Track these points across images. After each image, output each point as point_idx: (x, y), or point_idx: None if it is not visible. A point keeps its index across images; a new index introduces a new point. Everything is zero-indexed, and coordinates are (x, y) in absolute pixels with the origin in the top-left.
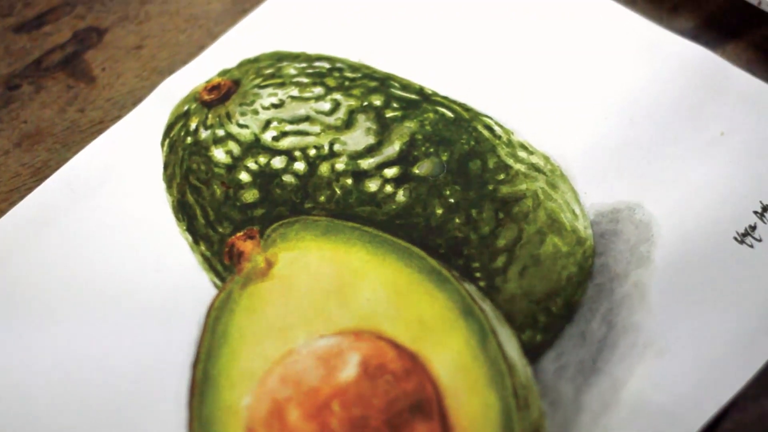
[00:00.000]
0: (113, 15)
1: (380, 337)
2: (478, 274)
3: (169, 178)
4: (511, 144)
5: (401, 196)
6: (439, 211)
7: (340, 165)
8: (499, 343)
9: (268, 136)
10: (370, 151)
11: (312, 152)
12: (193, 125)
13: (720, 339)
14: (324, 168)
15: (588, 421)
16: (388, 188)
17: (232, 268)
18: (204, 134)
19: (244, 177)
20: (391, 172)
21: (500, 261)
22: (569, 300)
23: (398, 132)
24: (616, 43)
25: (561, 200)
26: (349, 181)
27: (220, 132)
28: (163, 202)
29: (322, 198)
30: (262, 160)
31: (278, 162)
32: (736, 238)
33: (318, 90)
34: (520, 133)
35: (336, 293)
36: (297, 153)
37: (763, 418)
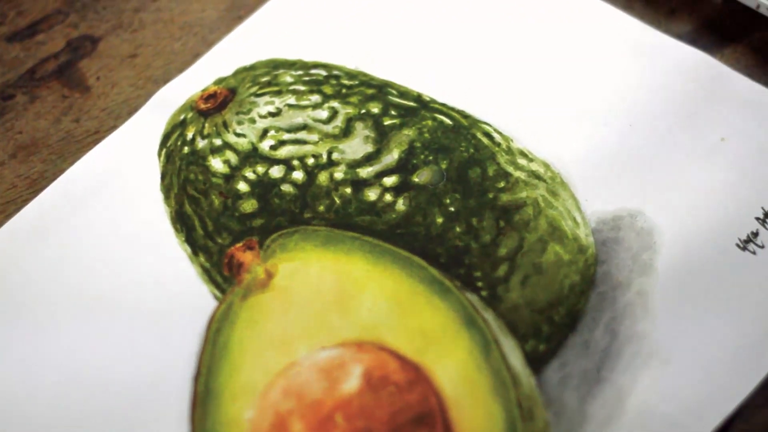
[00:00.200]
0: (106, 23)
1: (382, 348)
2: (480, 284)
3: (166, 189)
4: (510, 151)
5: (401, 205)
6: (440, 220)
7: (338, 174)
8: (502, 354)
9: (265, 145)
10: (368, 159)
11: (310, 161)
12: (189, 135)
13: (724, 347)
14: (323, 177)
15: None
16: (388, 197)
17: (232, 280)
18: (201, 144)
19: (243, 187)
20: (390, 180)
21: (502, 270)
22: (572, 309)
23: (397, 140)
24: (614, 48)
25: (562, 208)
26: (348, 190)
27: (218, 141)
28: (161, 212)
29: (322, 208)
30: (260, 169)
31: (276, 171)
32: (738, 245)
33: (315, 98)
34: (520, 140)
35: (337, 304)
36: (295, 162)
37: None
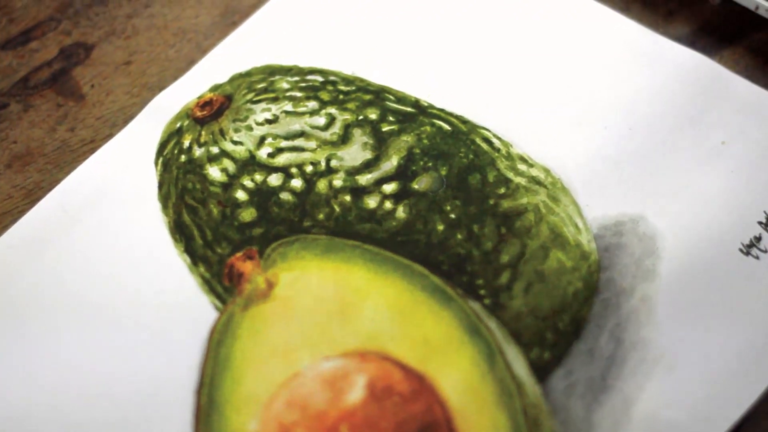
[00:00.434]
0: (99, 30)
1: (386, 358)
2: (483, 292)
3: (164, 198)
4: (510, 157)
5: (401, 212)
6: (440, 227)
7: (337, 181)
8: (506, 362)
9: (263, 153)
10: (367, 166)
11: (309, 169)
12: (186, 143)
13: (729, 353)
14: (321, 185)
15: None
16: (388, 204)
17: (233, 290)
18: (198, 152)
19: (241, 195)
20: (389, 187)
21: (504, 277)
22: (576, 316)
23: (395, 146)
24: (612, 51)
25: (563, 214)
26: (348, 197)
27: (215, 149)
28: (160, 222)
29: (321, 216)
30: (258, 177)
31: (275, 179)
32: (741, 250)
33: (312, 104)
34: (519, 146)
35: (339, 314)
36: (293, 170)
37: None
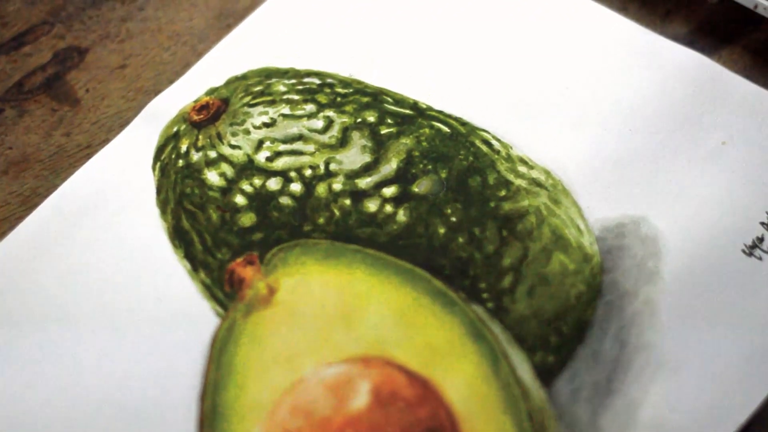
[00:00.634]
0: (93, 33)
1: (389, 363)
2: (486, 295)
3: (163, 203)
4: (510, 159)
5: (402, 215)
6: (442, 231)
7: (337, 185)
8: (511, 367)
9: (261, 157)
10: (367, 169)
11: (308, 172)
12: (183, 147)
13: (734, 356)
14: (321, 189)
15: None
16: (388, 208)
17: (234, 296)
18: (196, 156)
19: (240, 200)
20: (389, 191)
21: (507, 281)
22: (579, 319)
23: (394, 149)
24: (611, 52)
25: (565, 216)
26: (348, 201)
27: (212, 154)
28: (159, 228)
29: (321, 220)
30: (257, 182)
31: (274, 184)
32: (744, 251)
33: (310, 107)
34: (519, 147)
35: (341, 319)
36: (292, 174)
37: None
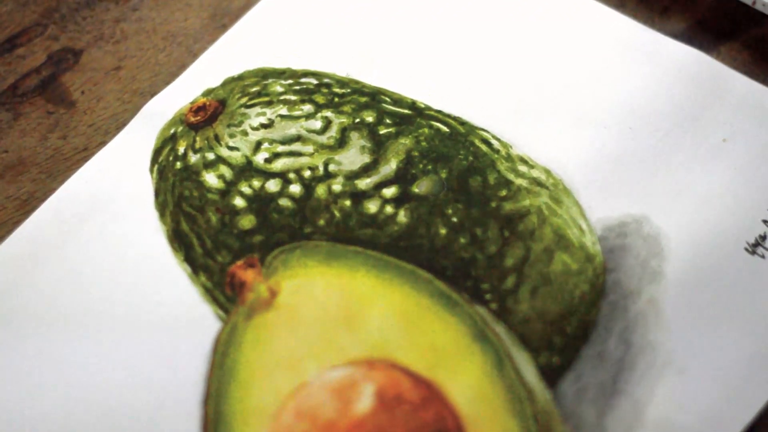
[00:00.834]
0: (87, 35)
1: (394, 366)
2: (489, 296)
3: (161, 206)
4: (510, 158)
5: (402, 216)
6: (443, 231)
7: (336, 186)
8: (516, 368)
9: (260, 158)
10: (366, 170)
11: (307, 174)
12: (181, 149)
13: (739, 355)
14: (320, 190)
15: None
16: (389, 209)
17: (235, 299)
18: (193, 158)
19: (239, 202)
20: (389, 192)
21: (510, 281)
22: (583, 319)
23: (394, 149)
24: (609, 49)
25: (566, 215)
26: (348, 202)
27: (210, 156)
28: (158, 231)
29: (322, 222)
30: (256, 183)
31: (273, 185)
32: (747, 249)
33: (307, 108)
34: (519, 147)
35: (344, 321)
36: (291, 175)
37: None
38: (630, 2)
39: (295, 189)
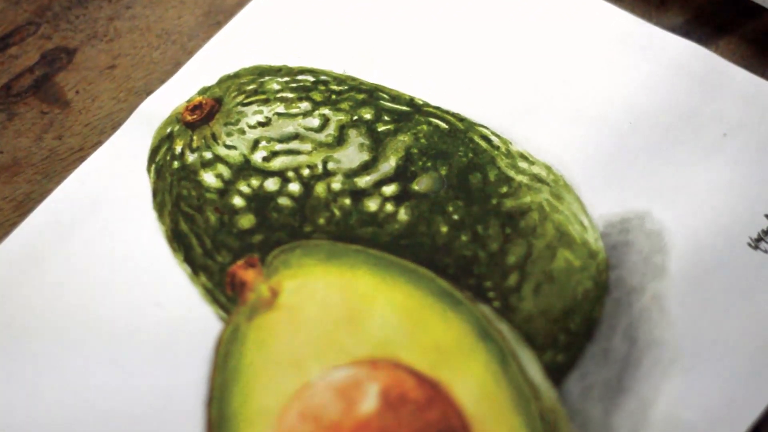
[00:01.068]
0: (81, 33)
1: (397, 365)
2: (492, 294)
3: (159, 206)
4: (510, 154)
5: (403, 214)
6: (444, 229)
7: (336, 184)
8: (520, 366)
9: (258, 157)
10: (365, 168)
11: (305, 172)
12: (178, 148)
13: (744, 351)
14: (320, 188)
15: None
16: (389, 207)
17: (236, 299)
18: (191, 158)
19: (238, 201)
20: (389, 189)
21: (513, 279)
22: (587, 317)
23: (393, 147)
24: (606, 43)
25: (568, 212)
26: (348, 201)
27: (208, 155)
28: (156, 231)
29: (322, 220)
30: (255, 182)
31: (271, 184)
32: (749, 244)
33: (305, 105)
34: (518, 143)
35: (346, 321)
36: (290, 173)
37: None
38: None
39: (294, 188)
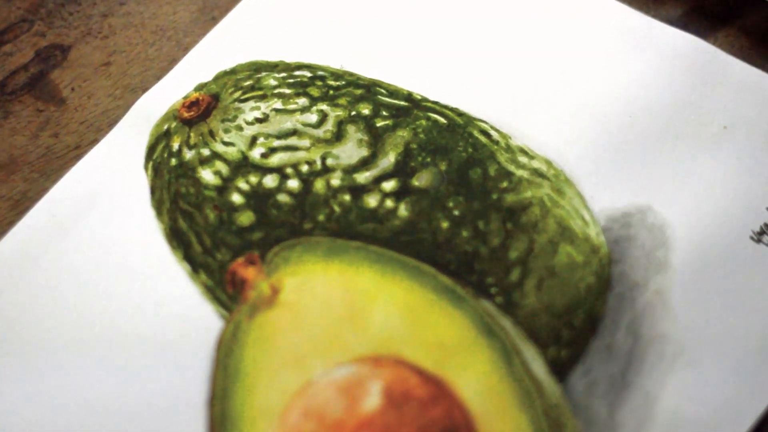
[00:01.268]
0: (75, 30)
1: (400, 363)
2: (494, 290)
3: (157, 204)
4: (510, 149)
5: (403, 210)
6: (445, 225)
7: (335, 181)
8: (524, 363)
9: (256, 154)
10: (364, 164)
11: (304, 168)
12: (175, 146)
13: (748, 344)
14: (319, 185)
15: None
16: (389, 203)
17: (237, 297)
18: (189, 155)
19: (237, 199)
20: (389, 185)
21: (515, 275)
22: (591, 312)
23: (392, 142)
24: (604, 36)
25: (569, 206)
26: (347, 197)
27: (205, 151)
28: (155, 230)
29: (321, 217)
30: (253, 179)
31: (270, 181)
32: (752, 238)
33: (302, 101)
34: (518, 137)
35: (349, 318)
36: (289, 170)
37: None
38: None
39: (293, 184)
